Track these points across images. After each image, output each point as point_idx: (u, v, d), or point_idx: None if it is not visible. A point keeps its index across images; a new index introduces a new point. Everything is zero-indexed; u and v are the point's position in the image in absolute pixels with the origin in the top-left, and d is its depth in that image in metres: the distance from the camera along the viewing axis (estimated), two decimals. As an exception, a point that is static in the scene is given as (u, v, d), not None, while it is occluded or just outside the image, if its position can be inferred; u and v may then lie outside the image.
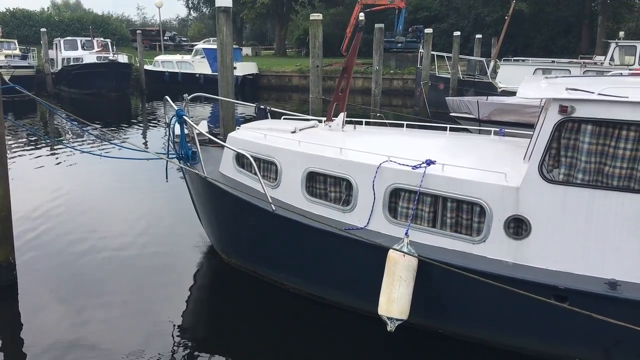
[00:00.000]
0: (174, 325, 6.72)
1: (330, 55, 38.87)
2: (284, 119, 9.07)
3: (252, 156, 7.19)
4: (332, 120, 8.23)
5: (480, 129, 13.38)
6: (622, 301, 5.07)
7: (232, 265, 8.17)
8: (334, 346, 6.33)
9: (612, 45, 23.57)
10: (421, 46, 26.84)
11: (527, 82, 6.32)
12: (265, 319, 6.93)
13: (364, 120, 8.70)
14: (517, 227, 5.71)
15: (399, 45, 39.99)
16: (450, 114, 16.64)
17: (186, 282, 7.88)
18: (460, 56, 27.31)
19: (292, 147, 7.10)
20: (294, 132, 7.80)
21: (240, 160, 7.74)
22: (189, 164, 7.99)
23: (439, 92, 24.32)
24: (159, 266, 8.34)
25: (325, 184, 6.84)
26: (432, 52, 25.62)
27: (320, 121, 8.67)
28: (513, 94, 15.03)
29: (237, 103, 11.24)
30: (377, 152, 6.46)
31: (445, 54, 26.66)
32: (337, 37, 44.31)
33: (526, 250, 5.66)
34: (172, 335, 6.49)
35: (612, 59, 23.01)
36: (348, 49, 40.77)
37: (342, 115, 8.10)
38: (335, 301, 6.84)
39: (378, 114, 17.46)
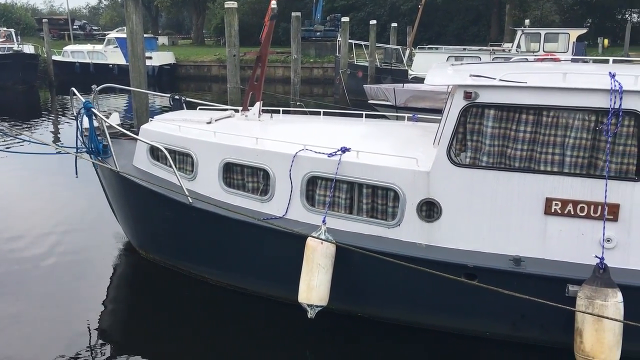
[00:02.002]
0: (94, 329, 6.49)
1: (250, 44, 38.47)
2: (199, 109, 8.91)
3: (166, 148, 7.02)
4: (248, 110, 8.16)
5: (397, 116, 13.74)
6: (525, 276, 5.37)
7: (150, 260, 7.97)
8: (256, 336, 6.33)
9: (519, 33, 24.73)
10: (339, 35, 27.05)
11: (434, 70, 6.53)
12: (187, 312, 6.83)
13: (281, 109, 8.69)
14: (429, 210, 5.91)
15: (318, 34, 40.18)
16: (369, 102, 16.95)
17: (104, 282, 7.61)
18: (378, 44, 27.82)
19: (207, 138, 7.00)
20: (210, 122, 7.68)
21: (155, 152, 7.53)
22: (99, 158, 7.69)
23: (357, 80, 24.67)
24: (74, 267, 8.00)
25: (243, 175, 6.80)
26: (350, 41, 25.91)
27: (236, 111, 8.58)
28: (423, 80, 15.55)
29: (150, 94, 10.92)
30: (293, 141, 6.48)
31: (363, 43, 27.06)
32: (257, 26, 43.87)
33: (438, 232, 5.87)
34: (93, 339, 6.26)
35: (518, 46, 24.14)
36: (267, 38, 40.65)
37: (258, 105, 8.06)
38: (256, 291, 6.84)
39: (298, 103, 17.51)
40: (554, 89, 5.36)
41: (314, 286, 5.70)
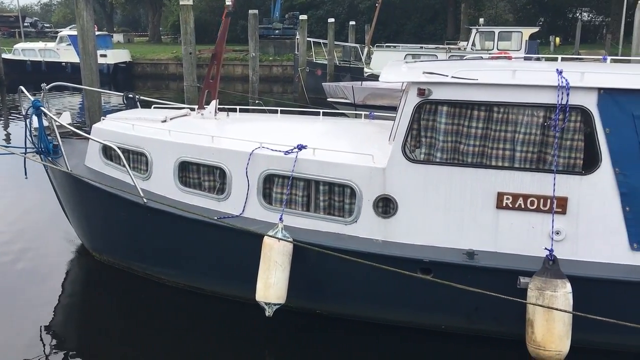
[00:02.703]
0: (47, 333, 6.31)
1: (208, 41, 38.05)
2: (154, 108, 8.75)
3: (119, 147, 6.88)
4: (204, 108, 8.07)
5: (356, 113, 13.81)
6: (479, 269, 5.48)
7: (104, 262, 7.80)
8: (214, 336, 6.28)
9: (474, 31, 25.23)
10: (298, 33, 27.03)
11: (389, 67, 6.58)
12: (143, 314, 6.72)
13: (237, 107, 8.62)
14: (385, 206, 5.96)
15: (277, 31, 40.00)
16: (328, 100, 16.99)
17: (56, 287, 7.40)
18: (336, 43, 27.89)
19: (162, 137, 6.89)
20: (165, 121, 7.56)
21: (108, 152, 7.38)
22: (49, 159, 7.47)
23: (316, 78, 24.69)
24: (25, 272, 7.75)
25: (199, 173, 6.72)
26: (309, 39, 25.92)
27: (192, 109, 8.47)
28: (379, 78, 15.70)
29: (102, 92, 10.67)
30: (250, 139, 6.44)
31: (321, 41, 27.09)
32: (215, 23, 43.44)
33: (394, 228, 5.93)
34: (47, 346, 6.07)
35: (474, 44, 24.63)
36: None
37: (214, 103, 7.98)
38: (213, 291, 6.77)
39: (257, 101, 17.41)
40: (504, 85, 5.47)
41: (272, 284, 5.68)
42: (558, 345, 4.96)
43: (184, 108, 8.51)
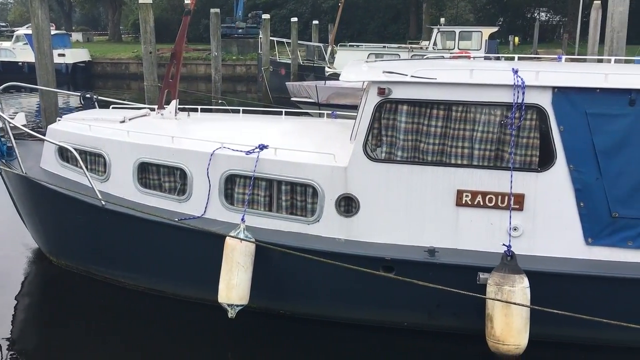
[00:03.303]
0: (4, 339, 6.12)
1: (170, 40, 37.46)
2: (112, 108, 8.58)
3: (76, 149, 6.72)
4: (163, 108, 7.95)
5: (320, 113, 13.82)
6: (439, 266, 5.55)
7: (62, 267, 7.61)
8: (176, 339, 6.18)
9: (435, 31, 25.55)
10: (261, 32, 26.91)
11: (349, 67, 6.61)
12: (103, 319, 6.57)
13: (199, 107, 8.52)
14: (348, 205, 5.98)
15: (240, 30, 39.79)
16: (292, 99, 16.98)
17: (12, 292, 7.16)
18: (300, 42, 27.87)
19: (120, 138, 6.76)
20: (123, 121, 7.42)
21: (64, 153, 7.20)
22: (3, 161, 7.25)
23: (280, 78, 24.63)
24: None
25: (159, 174, 6.62)
26: (272, 38, 25.83)
27: (152, 110, 8.34)
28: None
29: (58, 92, 10.42)
30: (211, 139, 6.38)
31: (285, 40, 27.04)
32: (177, 22, 42.87)
33: (356, 227, 5.95)
34: (3, 353, 5.88)
35: (435, 43, 24.95)
36: (187, 35, 39.78)
37: (174, 103, 7.87)
38: (175, 293, 6.68)
39: (220, 101, 17.26)
40: (462, 84, 5.55)
41: (234, 285, 5.64)
42: (516, 339, 5.06)
43: (143, 108, 8.38)
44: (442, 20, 33.87)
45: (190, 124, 7.75)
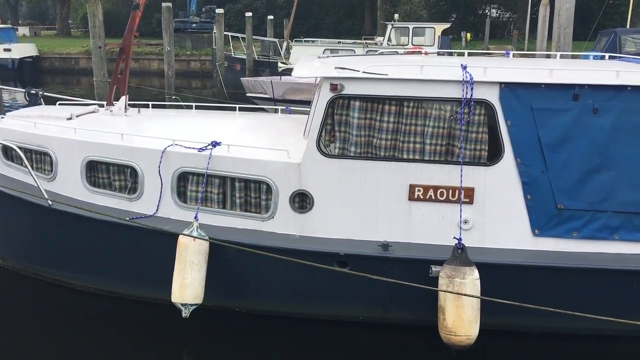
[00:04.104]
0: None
1: (123, 35, 36.63)
2: (59, 104, 8.33)
3: (20, 147, 6.51)
4: (113, 105, 7.77)
5: (275, 108, 13.76)
6: (393, 260, 5.61)
7: (9, 269, 7.35)
8: (129, 340, 6.08)
9: (389, 27, 25.74)
10: (215, 27, 26.59)
11: (302, 62, 6.60)
12: (54, 322, 6.38)
13: (150, 103, 8.36)
14: (302, 201, 5.98)
15: (194, 25, 39.17)
16: (247, 95, 16.84)
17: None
18: (255, 37, 27.66)
19: (67, 135, 6.57)
20: (70, 118, 7.21)
21: (8, 152, 6.95)
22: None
23: (236, 73, 24.39)
24: None
25: (108, 173, 6.47)
26: (226, 33, 25.56)
27: (101, 106, 8.14)
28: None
29: (3, 89, 10.04)
30: (162, 136, 6.27)
31: (239, 35, 26.78)
32: (128, 16, 41.91)
33: (311, 223, 5.96)
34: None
35: (389, 39, 25.13)
36: (139, 29, 38.86)
37: (123, 99, 7.69)
38: (127, 294, 6.55)
39: (173, 97, 16.98)
40: (412, 80, 5.62)
41: (188, 284, 5.57)
42: (468, 330, 5.17)
43: (91, 105, 8.16)
44: (396, 16, 34.11)
45: (140, 121, 7.59)
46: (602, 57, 8.35)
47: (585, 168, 5.50)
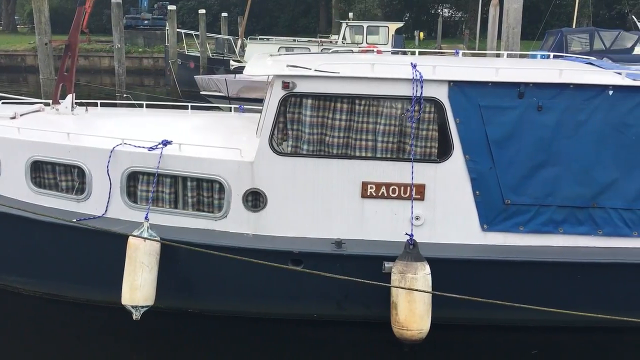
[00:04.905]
0: None
1: (70, 32, 35.61)
2: (2, 103, 8.02)
3: None
4: (59, 103, 7.54)
5: (230, 107, 13.66)
6: (347, 257, 5.65)
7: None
8: (79, 345, 5.95)
9: (344, 26, 25.90)
10: (167, 24, 26.16)
11: (254, 60, 6.56)
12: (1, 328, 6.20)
13: (98, 101, 8.15)
14: (255, 200, 5.95)
15: (146, 22, 38.46)
16: (201, 93, 16.66)
17: None
18: (209, 34, 27.36)
19: (10, 135, 6.33)
20: (14, 117, 6.96)
21: (-55, 154, 6.65)
22: None
23: (190, 71, 24.07)
24: None
25: (54, 173, 6.28)
26: (179, 30, 25.20)
27: (47, 104, 7.88)
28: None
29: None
30: (111, 135, 6.12)
31: (193, 32, 26.44)
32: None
33: (264, 221, 5.93)
34: None
35: (344, 38, 25.29)
36: (89, 26, 37.94)
37: (70, 97, 7.47)
38: (76, 297, 6.38)
39: (125, 95, 16.62)
40: (364, 78, 5.66)
41: (138, 286, 5.46)
42: (419, 325, 5.25)
43: (36, 103, 7.90)
44: (351, 15, 34.32)
45: (88, 120, 7.40)
46: (549, 57, 8.61)
47: (531, 164, 5.66)
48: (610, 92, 5.59)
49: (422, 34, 37.56)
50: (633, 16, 27.02)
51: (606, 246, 5.77)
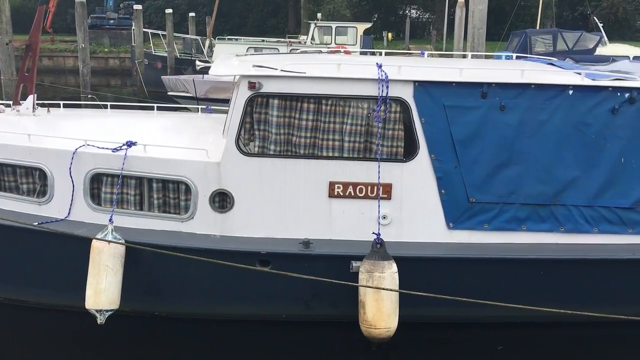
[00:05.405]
0: None
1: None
2: (-40, 104, 7.80)
3: None
4: (19, 104, 7.35)
5: (199, 107, 13.54)
6: (314, 257, 5.65)
7: None
8: (42, 351, 5.82)
9: (312, 26, 25.94)
10: (134, 23, 25.80)
11: (220, 60, 6.52)
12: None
13: (61, 102, 7.98)
14: (222, 200, 5.91)
15: (112, 22, 37.85)
16: (169, 93, 16.48)
17: None
18: (176, 34, 27.07)
19: (-32, 137, 6.16)
20: (-28, 119, 6.78)
21: None
22: None
23: (157, 71, 23.78)
24: None
25: (15, 176, 6.13)
26: (146, 30, 24.89)
27: (8, 105, 7.68)
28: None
29: None
30: (74, 137, 6.01)
31: (160, 32, 26.14)
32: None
33: (232, 222, 5.90)
34: None
35: (313, 38, 25.31)
36: (53, 25, 37.14)
37: (31, 98, 7.29)
38: (39, 302, 6.24)
39: (90, 96, 16.33)
40: (330, 78, 5.68)
41: (102, 290, 5.37)
42: (387, 323, 5.29)
43: (-4, 104, 7.69)
44: (319, 15, 34.38)
45: (50, 121, 7.23)
46: (512, 57, 8.76)
47: (494, 163, 5.75)
48: (571, 92, 5.72)
49: (390, 35, 37.87)
50: (595, 17, 27.69)
51: (568, 242, 5.90)
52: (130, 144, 5.92)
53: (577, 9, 41.97)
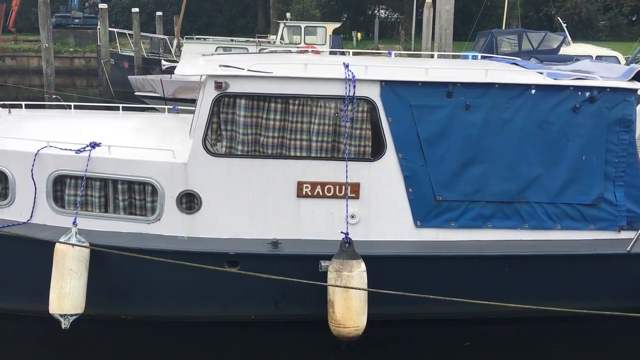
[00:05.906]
0: None
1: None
2: None
3: None
4: (-21, 105, 7.17)
5: (167, 108, 13.38)
6: (283, 257, 5.64)
7: None
8: (6, 357, 5.66)
9: (281, 26, 25.89)
10: (99, 22, 25.35)
11: (186, 60, 6.46)
12: None
13: (23, 103, 7.79)
14: (189, 201, 5.85)
15: (77, 20, 37.11)
16: (136, 94, 16.26)
17: None
18: (143, 34, 26.69)
19: None
20: None
21: None
22: None
23: (124, 71, 23.40)
24: None
25: (-25, 179, 5.97)
26: (112, 29, 24.50)
27: (-33, 107, 7.48)
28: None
29: None
30: (35, 138, 5.87)
31: (127, 31, 25.75)
32: (6, 13, 38.90)
33: (199, 223, 5.85)
34: None
35: (282, 38, 25.25)
36: (17, 25, 36.24)
37: (-9, 99, 7.12)
38: (0, 308, 6.07)
39: (54, 96, 15.98)
40: (297, 78, 5.67)
41: (67, 294, 5.27)
42: (356, 322, 5.31)
43: (-45, 105, 7.48)
44: (288, 15, 34.30)
45: (11, 122, 7.06)
46: (478, 57, 8.89)
47: (460, 161, 5.82)
48: (533, 91, 5.82)
49: (359, 35, 38.05)
50: (559, 18, 28.30)
51: (532, 239, 6.01)
52: (94, 144, 5.82)
53: (542, 10, 42.84)
